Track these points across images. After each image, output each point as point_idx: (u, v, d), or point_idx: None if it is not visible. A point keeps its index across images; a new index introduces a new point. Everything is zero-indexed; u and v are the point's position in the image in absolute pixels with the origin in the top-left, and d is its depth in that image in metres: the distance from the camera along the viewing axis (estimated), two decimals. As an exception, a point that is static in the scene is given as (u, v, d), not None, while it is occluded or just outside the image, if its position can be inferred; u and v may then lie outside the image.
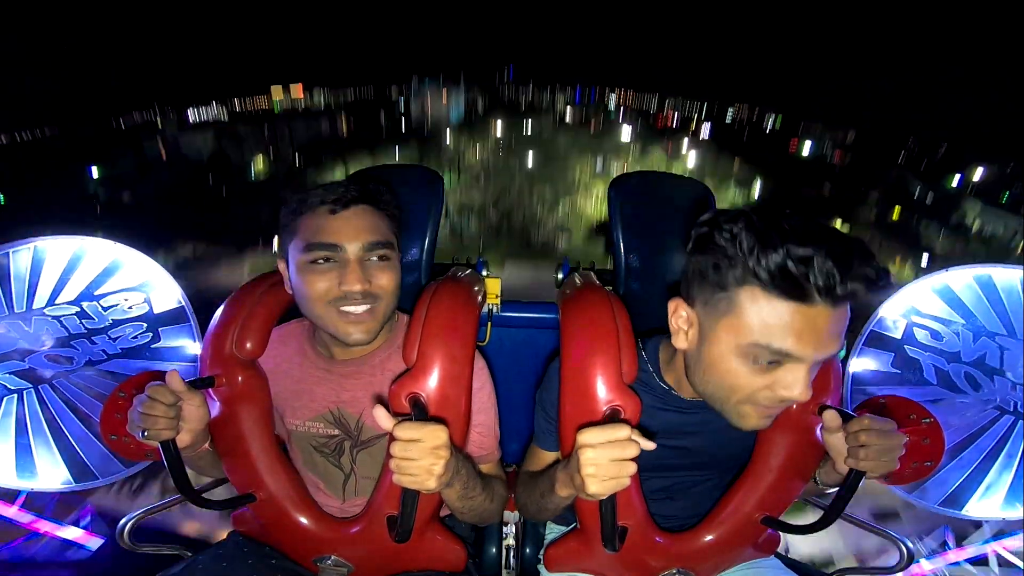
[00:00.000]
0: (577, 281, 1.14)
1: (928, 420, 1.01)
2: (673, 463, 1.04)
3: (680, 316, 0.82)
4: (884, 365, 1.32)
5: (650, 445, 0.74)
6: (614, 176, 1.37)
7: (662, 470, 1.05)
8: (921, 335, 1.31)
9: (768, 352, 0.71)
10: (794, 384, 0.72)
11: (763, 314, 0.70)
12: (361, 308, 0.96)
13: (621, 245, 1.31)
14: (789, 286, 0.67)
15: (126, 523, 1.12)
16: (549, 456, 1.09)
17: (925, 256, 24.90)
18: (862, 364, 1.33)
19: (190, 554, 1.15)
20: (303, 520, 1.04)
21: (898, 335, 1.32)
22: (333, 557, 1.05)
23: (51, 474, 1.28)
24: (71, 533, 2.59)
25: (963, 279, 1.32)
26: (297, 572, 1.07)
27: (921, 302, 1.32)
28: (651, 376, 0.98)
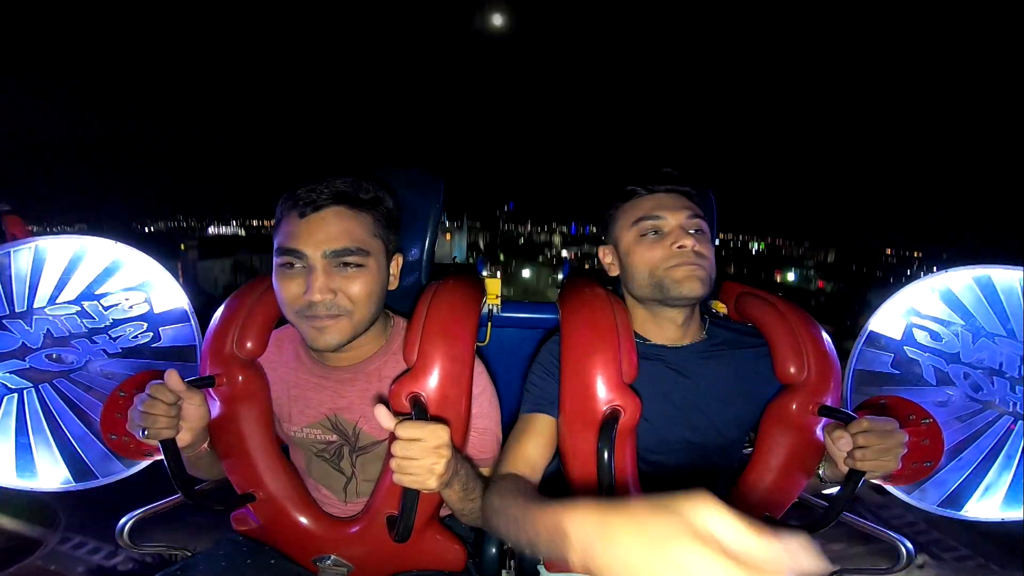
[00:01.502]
0: (577, 281, 1.14)
1: (927, 421, 1.02)
2: (673, 436, 1.04)
3: (605, 255, 1.13)
4: (883, 366, 1.32)
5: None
6: None
7: (658, 452, 1.05)
8: (920, 336, 1.31)
9: (647, 223, 1.03)
10: (678, 235, 1.01)
11: (634, 207, 1.06)
12: (326, 323, 0.91)
13: None
14: (631, 191, 1.07)
15: (125, 523, 1.12)
16: (549, 422, 1.02)
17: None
18: (861, 365, 1.33)
19: (189, 554, 1.15)
20: (303, 520, 1.04)
21: (897, 336, 1.32)
22: (333, 557, 1.05)
23: (51, 474, 1.28)
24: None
25: (962, 280, 1.32)
26: (297, 572, 1.07)
27: (920, 303, 1.32)
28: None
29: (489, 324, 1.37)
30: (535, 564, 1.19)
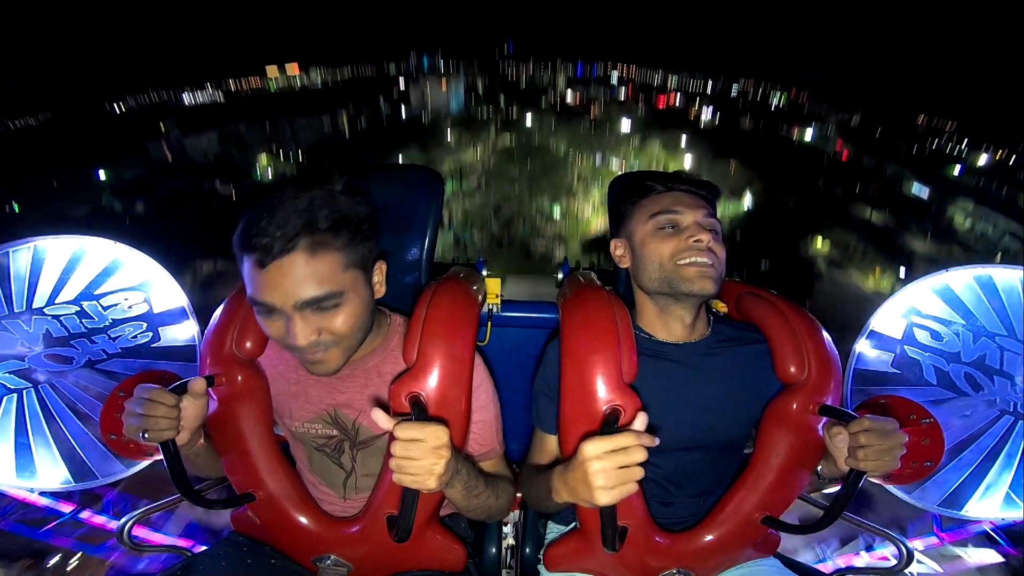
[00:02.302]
0: (577, 281, 1.14)
1: (928, 420, 1.02)
2: (676, 434, 1.04)
3: (617, 247, 1.16)
4: (884, 365, 1.32)
5: (654, 441, 0.77)
6: (611, 171, 1.42)
7: (663, 451, 1.05)
8: (921, 335, 1.31)
9: (665, 217, 1.06)
10: (694, 231, 1.03)
11: (653, 202, 1.09)
12: (317, 355, 0.91)
13: None
14: (650, 187, 1.12)
15: (126, 523, 1.12)
16: (554, 440, 1.09)
17: (903, 269, 25.53)
18: (862, 364, 1.33)
19: (190, 554, 1.15)
20: (302, 520, 1.04)
21: (898, 335, 1.32)
22: (332, 557, 1.05)
23: (51, 474, 1.28)
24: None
25: (963, 279, 1.32)
26: (296, 572, 1.07)
27: (921, 302, 1.32)
28: (635, 334, 1.08)
29: (489, 324, 1.37)
30: (535, 564, 1.19)
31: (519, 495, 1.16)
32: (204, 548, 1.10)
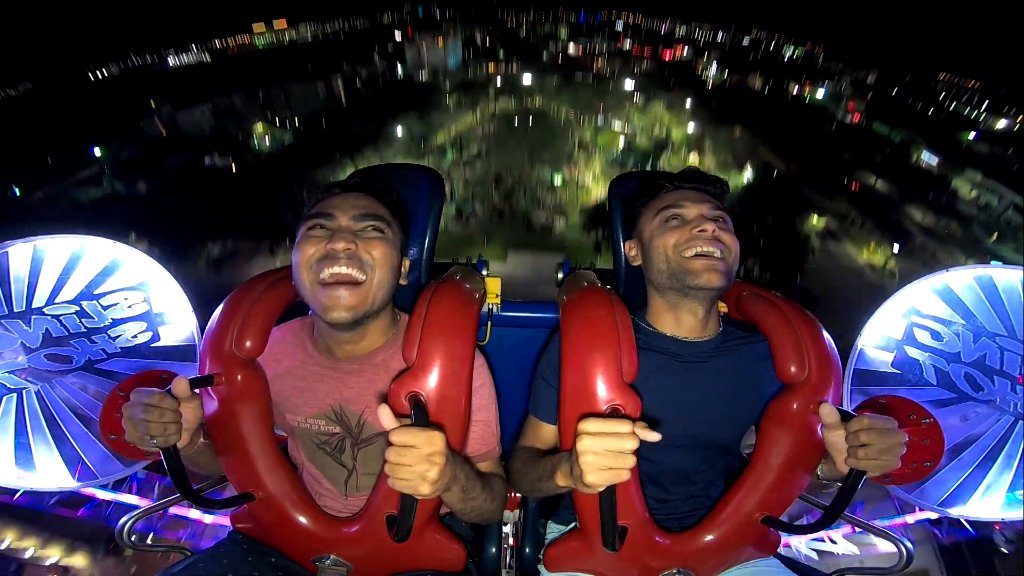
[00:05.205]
0: (577, 281, 1.14)
1: (928, 420, 1.02)
2: (676, 431, 1.04)
3: (631, 248, 1.21)
4: (884, 365, 1.32)
5: (654, 436, 0.77)
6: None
7: (662, 446, 1.05)
8: (921, 335, 1.31)
9: (670, 211, 1.09)
10: (696, 220, 1.06)
11: (659, 201, 1.13)
12: (344, 269, 0.96)
13: (621, 245, 1.31)
14: (659, 186, 1.16)
15: (126, 522, 1.12)
16: (548, 429, 1.10)
17: (897, 245, 25.44)
18: (862, 364, 1.33)
19: (189, 553, 1.15)
20: (302, 520, 1.04)
21: (898, 335, 1.32)
22: (332, 557, 1.05)
23: (50, 473, 1.28)
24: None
25: (963, 279, 1.31)
26: (296, 571, 1.07)
27: (921, 302, 1.32)
28: (645, 329, 1.13)
29: (489, 323, 1.37)
30: (535, 564, 1.19)
31: (516, 494, 1.16)
32: (204, 547, 1.09)
